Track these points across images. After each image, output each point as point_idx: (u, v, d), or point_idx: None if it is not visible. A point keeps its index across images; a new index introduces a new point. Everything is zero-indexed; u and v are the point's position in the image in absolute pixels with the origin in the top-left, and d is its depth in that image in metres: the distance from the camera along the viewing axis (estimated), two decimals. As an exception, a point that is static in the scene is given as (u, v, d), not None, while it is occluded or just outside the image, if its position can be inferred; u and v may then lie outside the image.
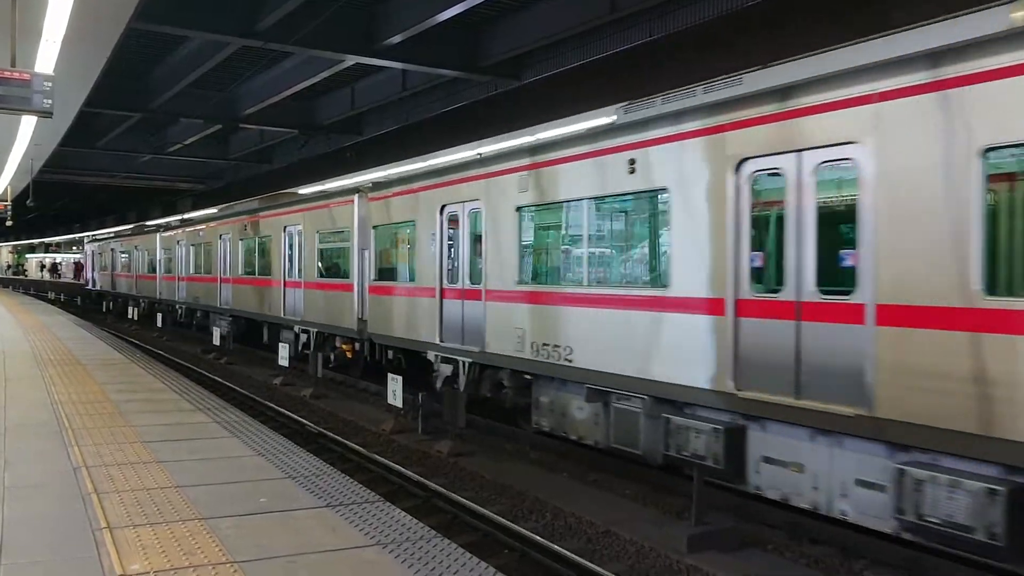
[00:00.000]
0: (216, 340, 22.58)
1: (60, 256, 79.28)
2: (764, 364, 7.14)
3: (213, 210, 29.15)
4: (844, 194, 6.78)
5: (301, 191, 22.73)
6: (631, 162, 8.67)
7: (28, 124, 16.52)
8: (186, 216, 34.44)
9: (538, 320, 10.01)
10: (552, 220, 10.46)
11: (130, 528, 4.86)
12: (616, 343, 8.82)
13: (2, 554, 4.44)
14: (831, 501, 6.74)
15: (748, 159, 7.32)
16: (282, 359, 17.49)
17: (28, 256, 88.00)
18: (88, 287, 44.70)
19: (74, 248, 77.16)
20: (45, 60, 11.78)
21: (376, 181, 15.48)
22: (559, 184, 9.84)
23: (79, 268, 64.52)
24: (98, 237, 46.83)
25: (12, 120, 15.09)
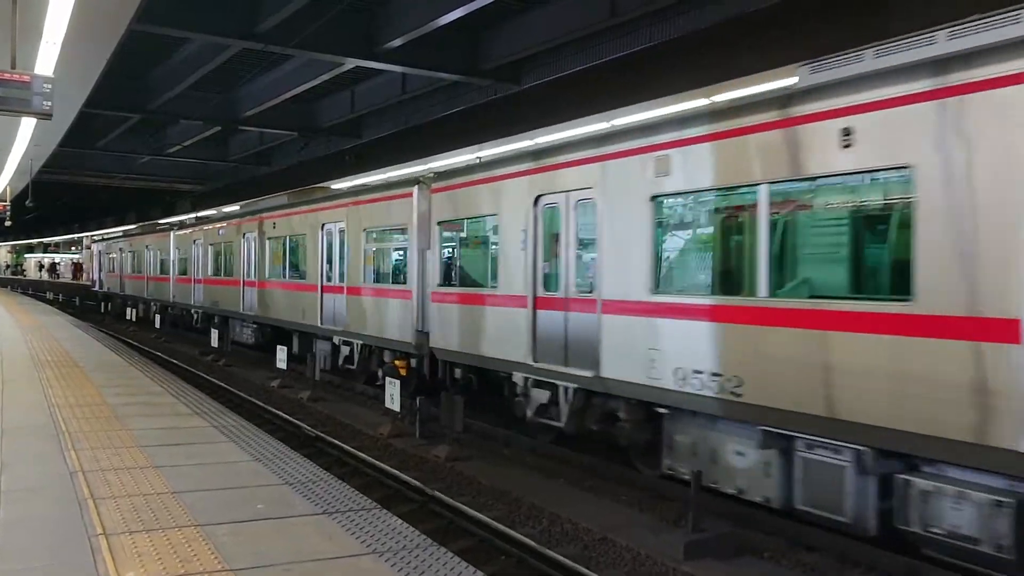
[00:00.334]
0: (213, 342, 22.55)
1: (59, 256, 79.26)
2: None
3: (234, 207, 26.88)
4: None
5: (343, 184, 20.76)
6: (845, 132, 6.71)
7: (28, 125, 16.52)
8: (204, 213, 32.45)
9: (686, 340, 7.98)
10: (706, 211, 8.41)
11: (126, 534, 4.86)
12: (818, 375, 6.78)
13: (-3, 560, 4.43)
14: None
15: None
16: (280, 362, 17.48)
17: (27, 256, 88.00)
18: (95, 288, 42.59)
19: (72, 248, 77.14)
20: (45, 61, 11.78)
21: (442, 170, 13.24)
22: (721, 165, 7.77)
23: (78, 268, 64.56)
24: (105, 236, 44.69)
25: (12, 121, 15.09)
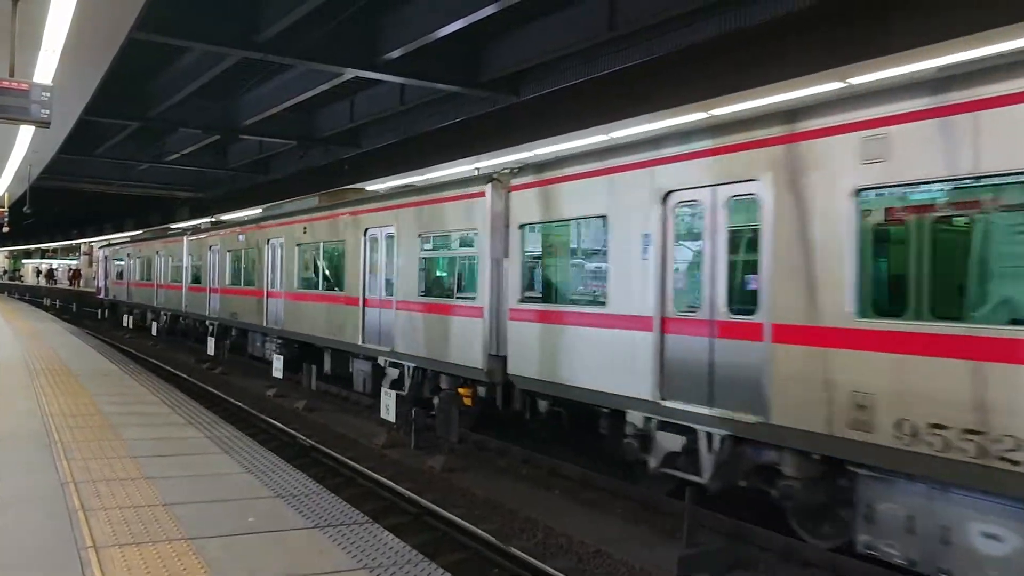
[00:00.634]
0: (210, 350, 22.51)
1: (56, 262, 79.22)
2: None
3: (256, 210, 24.59)
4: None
5: (382, 184, 18.77)
6: None
7: (27, 132, 16.53)
8: (221, 217, 30.53)
9: (922, 384, 6.10)
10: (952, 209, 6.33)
11: (116, 547, 4.82)
12: None
13: (-14, 572, 4.41)
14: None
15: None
16: (276, 371, 17.47)
17: (24, 262, 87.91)
18: (100, 296, 39.79)
19: (71, 255, 77.18)
20: (44, 70, 11.80)
21: (527, 163, 11.42)
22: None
23: (76, 274, 64.57)
24: (112, 241, 41.99)
25: (10, 127, 15.10)
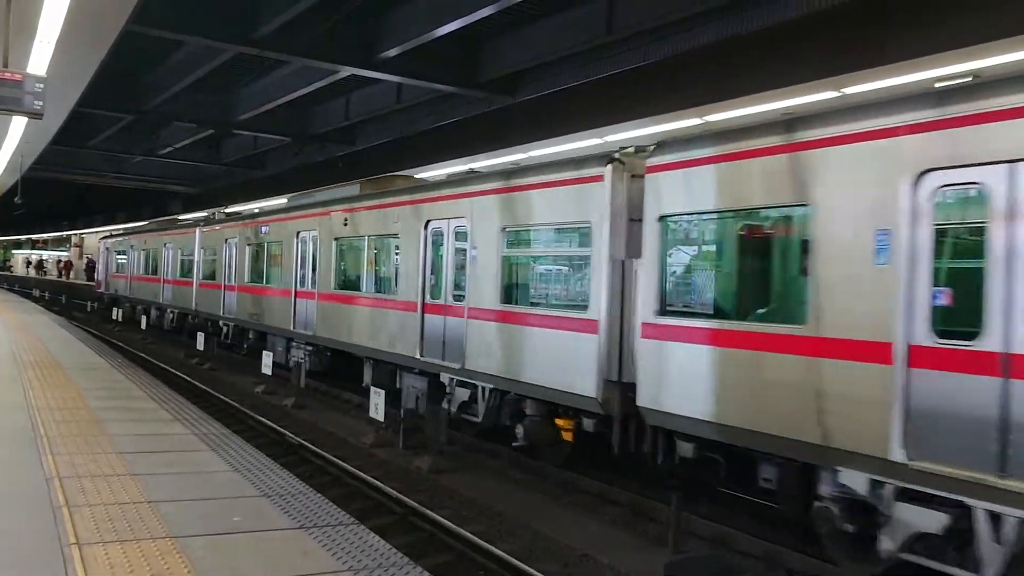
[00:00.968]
0: (199, 345, 22.41)
1: (46, 253, 78.81)
2: None
3: (281, 200, 22.05)
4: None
5: (439, 171, 16.22)
6: None
7: (19, 122, 16.45)
8: (240, 208, 28.06)
9: None
10: None
11: (100, 545, 4.79)
12: None
13: (-33, 568, 4.37)
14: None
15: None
16: (265, 367, 17.40)
17: (14, 252, 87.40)
18: (100, 291, 37.73)
19: (61, 246, 76.81)
20: (38, 61, 11.74)
21: (671, 138, 8.68)
22: None
23: (67, 266, 64.22)
24: (114, 232, 39.37)
25: (3, 117, 15.02)
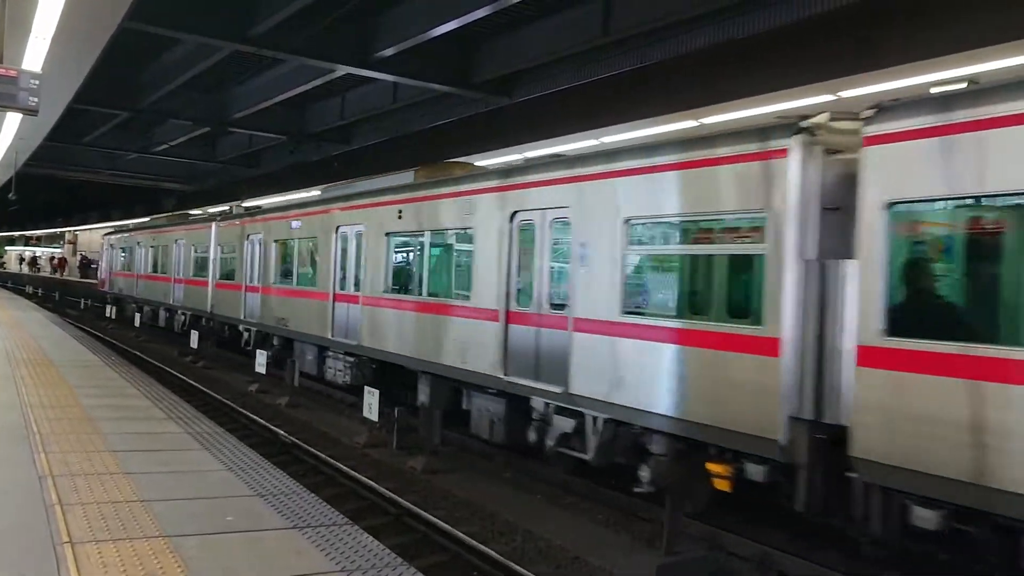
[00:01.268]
0: (193, 343, 22.34)
1: (40, 250, 78.51)
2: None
3: (313, 192, 19.47)
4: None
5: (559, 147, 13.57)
6: None
7: (14, 118, 16.39)
8: (264, 201, 25.12)
9: None
10: None
11: (92, 543, 4.78)
12: None
13: (-42, 566, 4.36)
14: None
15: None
16: (259, 366, 17.37)
17: (7, 249, 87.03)
18: (103, 290, 35.34)
19: (55, 243, 76.55)
20: (33, 57, 11.71)
21: (910, 98, 6.35)
22: None
23: (61, 263, 64.01)
24: (120, 228, 36.74)
25: (-3, 114, 14.99)
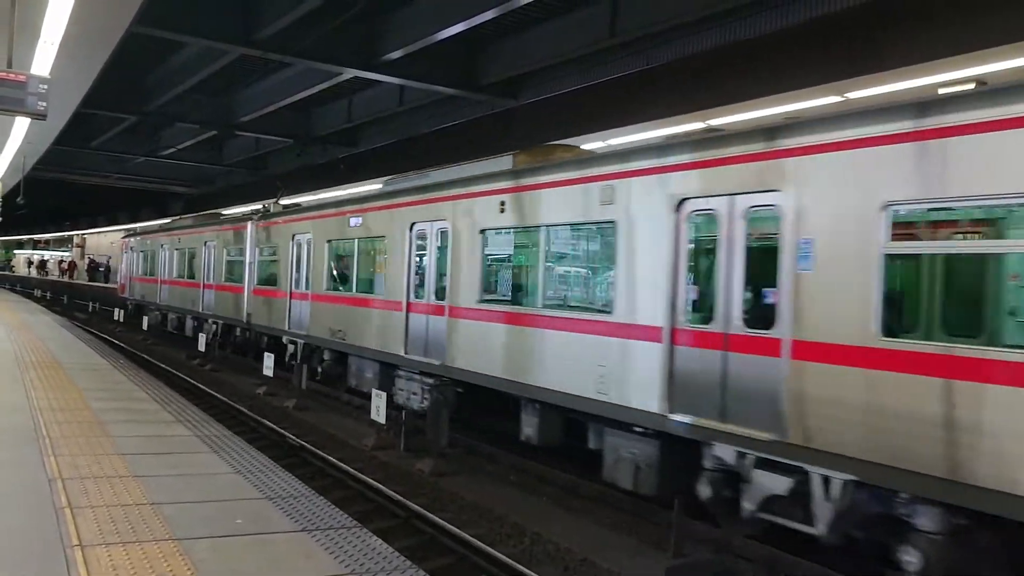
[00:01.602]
0: (201, 346, 22.37)
1: (48, 253, 78.82)
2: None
3: (374, 184, 16.39)
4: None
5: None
6: None
7: (22, 122, 16.46)
8: (312, 197, 22.51)
9: None
10: None
11: (102, 547, 4.80)
12: None
13: (-30, 569, 4.38)
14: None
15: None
16: (267, 369, 17.38)
17: (16, 252, 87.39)
18: (123, 295, 32.88)
19: (63, 246, 76.85)
20: (42, 62, 11.75)
21: None
22: None
23: (71, 266, 64.23)
24: (141, 230, 33.93)
25: (6, 118, 15.02)
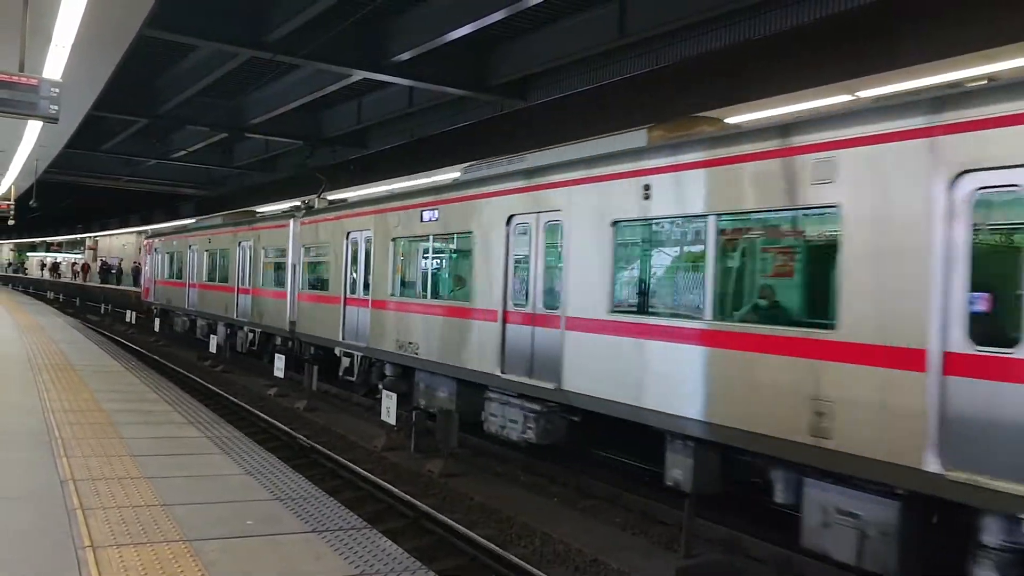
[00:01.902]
0: (212, 348, 22.48)
1: (61, 256, 79.32)
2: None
3: (499, 165, 11.47)
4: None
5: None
6: None
7: (35, 126, 16.57)
8: (373, 189, 19.20)
9: None
10: None
11: (114, 547, 4.82)
12: None
13: (-18, 570, 4.40)
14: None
15: None
16: (277, 370, 17.45)
17: (29, 255, 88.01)
18: (148, 300, 30.56)
19: (75, 249, 77.35)
20: (54, 65, 11.82)
21: None
22: None
23: (85, 269, 64.63)
24: (163, 229, 30.76)
25: (19, 121, 15.13)
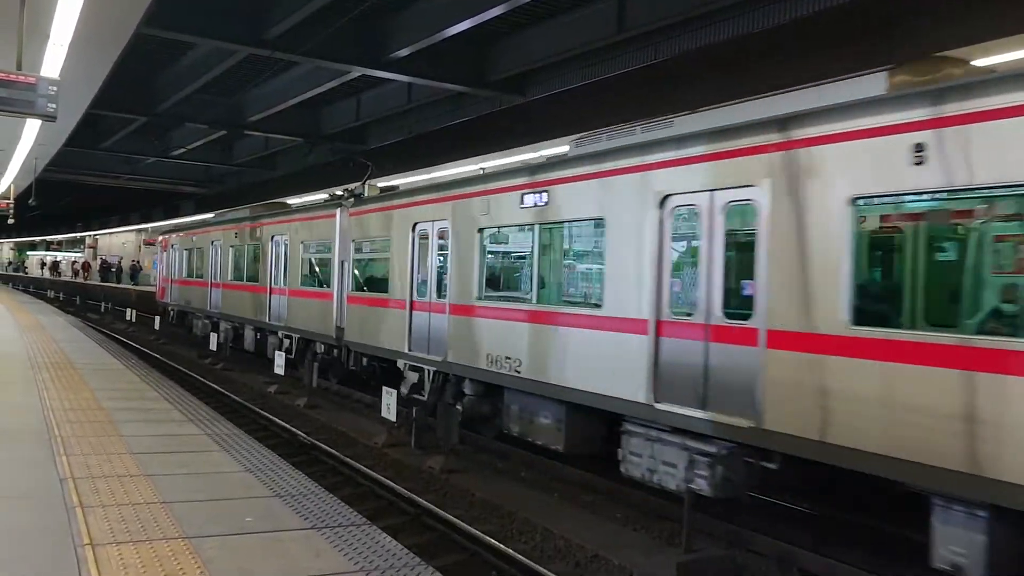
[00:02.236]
0: (212, 345, 22.49)
1: (60, 254, 79.35)
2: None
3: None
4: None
5: None
6: None
7: (33, 124, 16.56)
8: (457, 169, 16.87)
9: None
10: None
11: (113, 545, 4.82)
12: None
13: (-18, 568, 4.40)
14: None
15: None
16: (277, 367, 17.45)
17: (29, 254, 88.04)
18: (164, 300, 28.69)
19: (75, 247, 77.37)
20: (51, 63, 11.81)
21: None
22: None
23: (85, 267, 64.67)
24: (182, 224, 29.17)
25: (17, 120, 15.12)
